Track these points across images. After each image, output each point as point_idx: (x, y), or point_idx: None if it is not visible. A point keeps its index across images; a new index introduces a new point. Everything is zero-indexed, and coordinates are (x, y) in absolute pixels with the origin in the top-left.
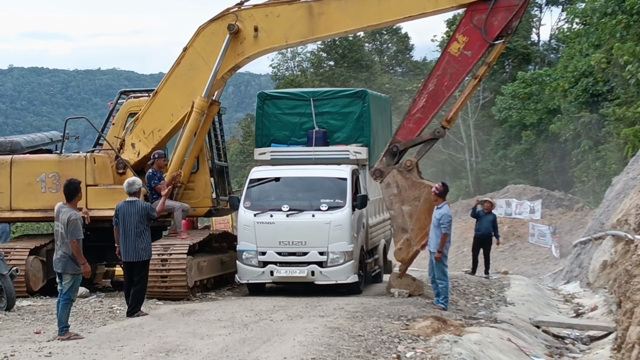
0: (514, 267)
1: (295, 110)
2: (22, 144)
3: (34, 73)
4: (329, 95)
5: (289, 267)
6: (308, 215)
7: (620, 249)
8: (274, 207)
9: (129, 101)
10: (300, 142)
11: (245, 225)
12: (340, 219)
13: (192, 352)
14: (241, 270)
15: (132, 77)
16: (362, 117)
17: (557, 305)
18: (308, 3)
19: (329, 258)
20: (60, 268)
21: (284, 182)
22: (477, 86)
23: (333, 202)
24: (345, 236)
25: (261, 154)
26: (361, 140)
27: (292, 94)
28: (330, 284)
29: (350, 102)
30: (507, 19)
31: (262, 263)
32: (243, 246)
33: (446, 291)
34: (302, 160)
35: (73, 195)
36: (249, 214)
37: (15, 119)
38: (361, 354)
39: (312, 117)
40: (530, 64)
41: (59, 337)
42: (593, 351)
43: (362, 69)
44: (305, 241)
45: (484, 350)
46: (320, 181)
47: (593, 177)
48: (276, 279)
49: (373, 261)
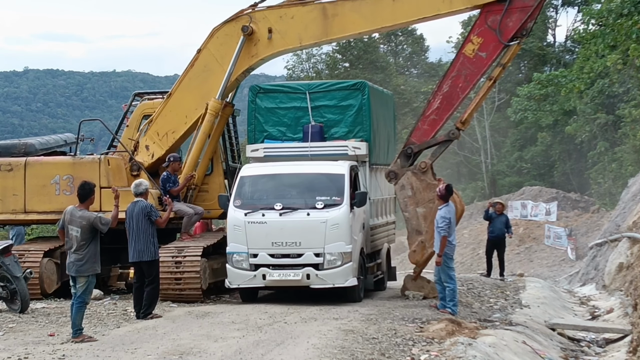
0: (530, 270)
1: (290, 104)
2: (36, 146)
3: (49, 75)
4: (326, 87)
5: (282, 270)
6: (303, 214)
7: (636, 251)
8: (266, 206)
9: (143, 103)
10: (296, 138)
11: (235, 226)
12: (337, 218)
13: (206, 354)
14: (231, 274)
15: (147, 79)
16: (362, 110)
17: (573, 308)
18: (322, 4)
19: (325, 260)
20: (74, 271)
21: (277, 179)
22: (492, 88)
23: (330, 200)
24: (343, 236)
25: (253, 151)
26: (360, 135)
27: (286, 87)
28: (327, 287)
29: (348, 95)
30: (522, 20)
31: (253, 266)
32: (233, 248)
33: (453, 294)
34: (297, 156)
35: (87, 197)
36: (239, 214)
37: (30, 120)
38: (375, 356)
39: (307, 111)
40: (546, 65)
41: (72, 339)
42: (609, 354)
43: (377, 71)
44: (300, 242)
45: (498, 353)
46: (316, 178)
47: (609, 178)
48: (269, 283)
49: (375, 265)
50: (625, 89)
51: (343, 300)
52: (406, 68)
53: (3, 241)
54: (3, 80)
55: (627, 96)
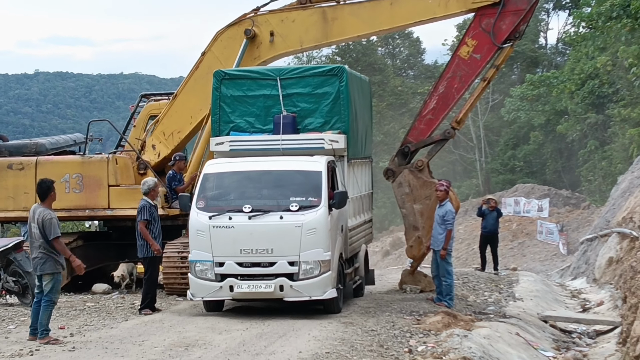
0: (523, 264)
1: (259, 91)
2: (46, 146)
3: (58, 77)
4: (299, 73)
5: (252, 280)
6: (275, 217)
7: (625, 246)
8: (233, 208)
9: (149, 104)
10: (266, 129)
11: (198, 231)
12: (314, 222)
13: (211, 346)
14: (194, 286)
15: (153, 80)
16: (339, 98)
17: (564, 301)
18: (322, 8)
19: (300, 269)
20: (38, 270)
21: (246, 177)
22: (486, 88)
23: (305, 201)
24: (321, 242)
25: (218, 145)
26: (338, 126)
27: (254, 72)
28: (304, 300)
29: (324, 81)
30: (514, 23)
31: (219, 276)
32: (196, 256)
33: (450, 289)
34: (268, 151)
35: (45, 195)
36: (202, 217)
37: (41, 121)
38: (374, 348)
39: (279, 100)
40: (538, 66)
41: (39, 340)
42: (599, 345)
43: (375, 72)
44: (272, 249)
45: (493, 344)
46: (290, 175)
47: (599, 176)
48: (237, 295)
49: (353, 271)
50: (615, 90)
51: (320, 312)
52: (403, 70)
53: (15, 238)
54: (14, 82)
55: (616, 96)
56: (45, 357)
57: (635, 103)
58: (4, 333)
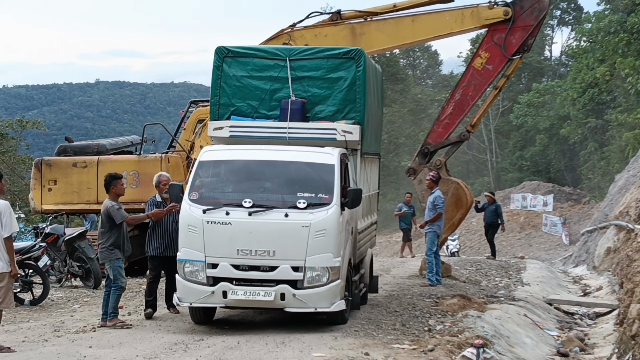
0: (529, 253)
1: (266, 72)
2: (106, 146)
3: (116, 86)
4: (312, 54)
5: (249, 286)
6: (279, 214)
7: (622, 237)
8: (231, 202)
9: (197, 109)
10: (271, 115)
11: (189, 226)
12: (324, 222)
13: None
14: (182, 289)
15: (200, 89)
16: (355, 85)
17: (567, 286)
18: (351, 25)
19: (306, 276)
20: (100, 260)
21: (247, 167)
22: (498, 96)
23: (315, 198)
24: (331, 246)
25: (217, 129)
26: (352, 116)
27: (262, 51)
28: (308, 311)
29: (339, 65)
30: (523, 38)
31: (211, 279)
32: (185, 254)
33: (431, 267)
34: (272, 139)
35: (106, 189)
36: (195, 210)
37: (101, 125)
38: (397, 327)
39: (287, 83)
40: (544, 76)
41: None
42: (598, 325)
43: (397, 82)
44: (274, 251)
45: (503, 324)
46: (298, 167)
47: (598, 174)
48: (231, 302)
49: (359, 278)
50: (613, 97)
51: (324, 323)
52: (422, 79)
53: (79, 228)
54: (78, 90)
55: (614, 103)
56: (105, 332)
57: (631, 109)
58: (70, 312)
